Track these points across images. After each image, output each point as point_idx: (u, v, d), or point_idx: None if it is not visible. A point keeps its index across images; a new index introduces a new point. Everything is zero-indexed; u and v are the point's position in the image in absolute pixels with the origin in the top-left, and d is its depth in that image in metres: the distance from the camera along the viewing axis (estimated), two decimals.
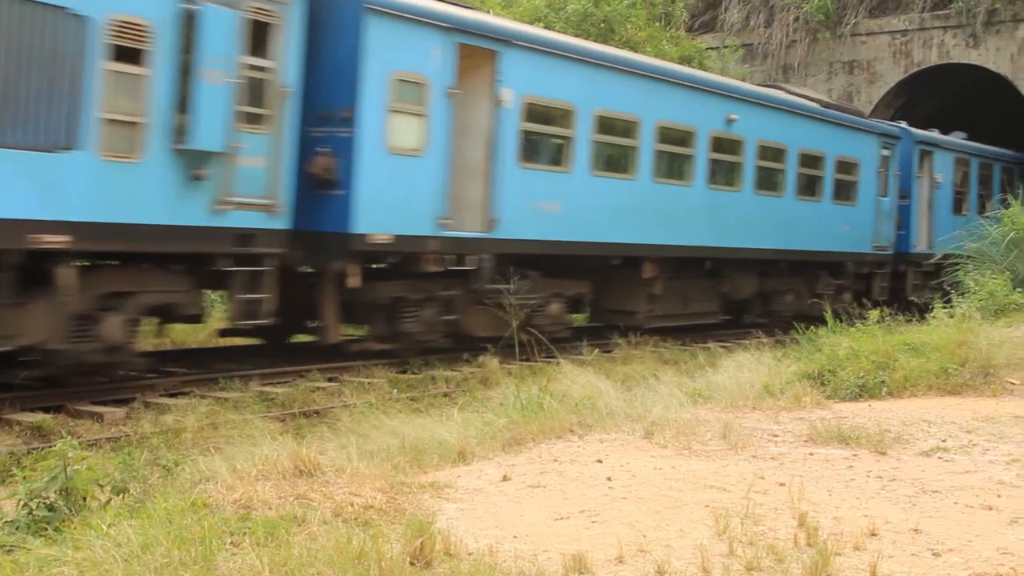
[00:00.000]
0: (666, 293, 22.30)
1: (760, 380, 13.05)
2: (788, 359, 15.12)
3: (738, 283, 25.14)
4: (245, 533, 6.28)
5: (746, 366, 14.58)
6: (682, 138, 22.38)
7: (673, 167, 22.40)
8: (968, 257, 23.88)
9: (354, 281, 15.96)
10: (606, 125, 20.34)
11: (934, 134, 31.88)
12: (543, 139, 19.49)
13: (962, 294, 19.16)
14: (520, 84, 18.30)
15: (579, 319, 23.44)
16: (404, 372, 16.70)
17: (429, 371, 16.96)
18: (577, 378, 13.26)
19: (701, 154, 22.72)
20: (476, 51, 17.60)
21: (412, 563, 5.86)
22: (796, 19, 35.43)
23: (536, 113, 18.82)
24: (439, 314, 17.65)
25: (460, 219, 17.52)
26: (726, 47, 35.00)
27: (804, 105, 26.67)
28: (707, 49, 34.47)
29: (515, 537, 6.62)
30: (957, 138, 32.95)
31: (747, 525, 6.81)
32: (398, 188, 16.32)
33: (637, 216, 21.06)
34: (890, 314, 16.55)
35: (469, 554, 6.11)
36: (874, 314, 14.98)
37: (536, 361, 16.81)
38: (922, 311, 25.66)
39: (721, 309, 25.14)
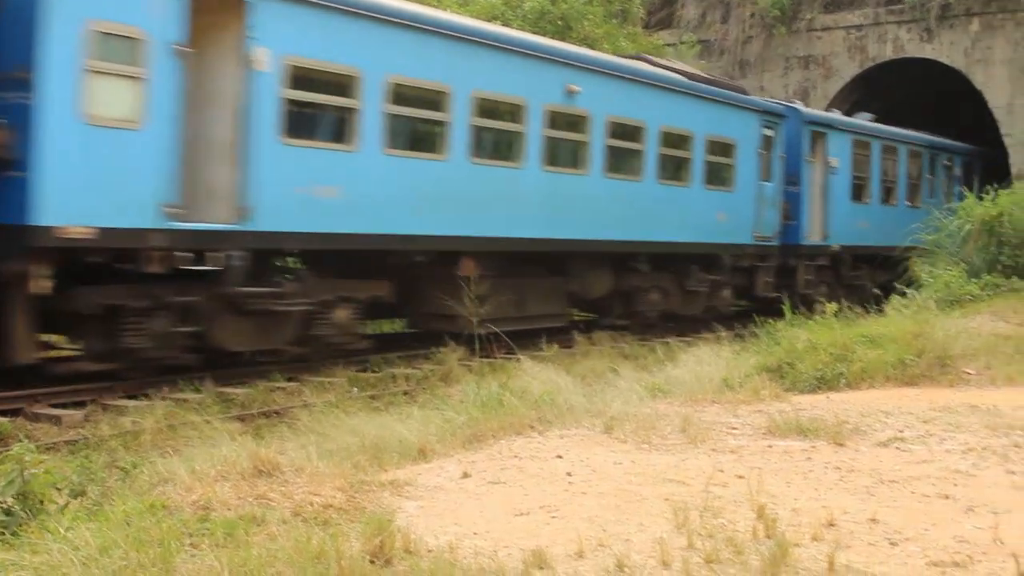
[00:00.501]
0: (495, 294, 17.87)
1: (719, 374, 13.10)
2: (747, 352, 15.19)
3: (589, 280, 22.28)
4: (204, 534, 6.25)
5: (705, 360, 14.66)
6: (509, 112, 19.36)
7: (497, 146, 19.56)
8: (908, 249, 24.16)
9: (40, 286, 12.90)
10: (404, 95, 17.18)
11: (828, 113, 30.40)
12: (316, 111, 16.38)
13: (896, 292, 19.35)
14: (281, 43, 15.14)
15: (397, 326, 21.92)
16: (364, 370, 16.66)
17: (389, 369, 16.93)
18: (537, 374, 13.28)
19: (534, 131, 19.61)
20: (218, 1, 14.52)
21: (372, 561, 5.85)
22: (752, 15, 35.58)
23: (305, 79, 15.69)
24: (174, 325, 14.51)
25: (198, 208, 14.39)
26: (683, 43, 35.11)
27: (666, 77, 23.71)
28: (664, 46, 34.55)
29: (475, 533, 6.62)
30: (862, 119, 31.53)
31: (706, 518, 6.84)
32: (102, 169, 13.23)
33: (449, 204, 18.04)
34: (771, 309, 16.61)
35: (429, 551, 6.11)
36: (832, 307, 15.05)
37: (496, 357, 16.82)
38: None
39: (568, 310, 22.53)
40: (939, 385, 13.02)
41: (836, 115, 30.46)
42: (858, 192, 30.32)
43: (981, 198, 26.19)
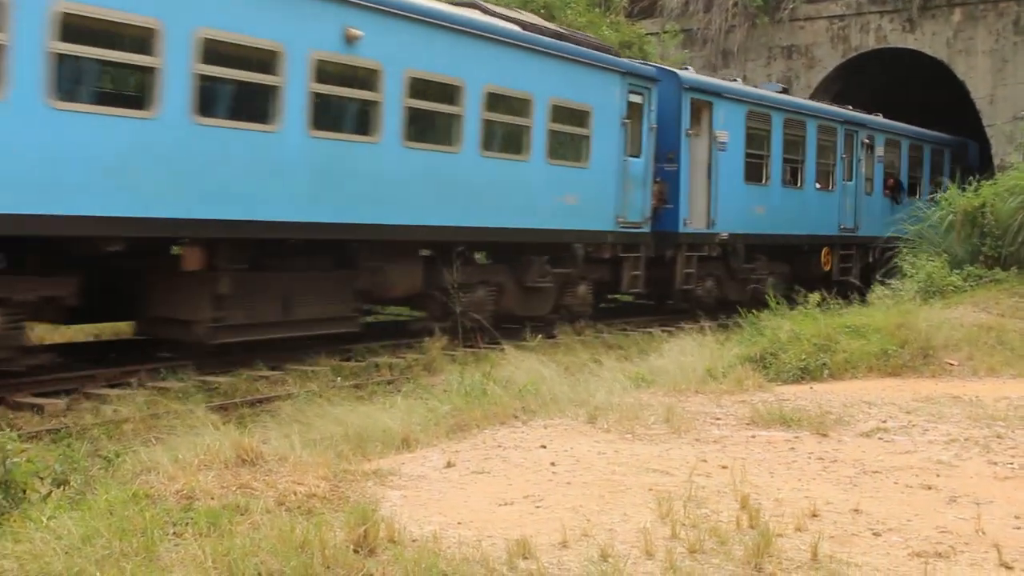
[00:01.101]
0: (244, 293, 15.32)
1: (703, 364, 13.12)
2: (731, 343, 15.22)
3: (387, 275, 17.87)
4: (187, 523, 6.24)
5: (689, 350, 14.67)
6: (257, 60, 15.09)
7: (238, 103, 15.39)
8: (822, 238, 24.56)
9: None
10: (79, 30, 12.87)
11: (715, 79, 26.94)
12: None
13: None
14: None
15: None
16: (348, 360, 16.64)
17: (373, 358, 16.91)
18: (520, 364, 13.29)
19: (295, 85, 15.33)
20: None
21: (356, 551, 5.84)
22: (735, 4, 35.59)
23: None
24: None
25: None
26: (666, 32, 35.10)
27: (493, 27, 19.30)
28: (647, 35, 34.54)
29: (459, 523, 6.62)
30: (769, 90, 28.91)
31: (690, 508, 6.85)
32: None
33: (162, 176, 13.77)
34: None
35: (413, 541, 6.11)
36: (815, 297, 15.07)
37: (480, 347, 16.81)
38: (706, 305, 23.88)
39: (359, 312, 17.86)
40: (922, 376, 13.08)
41: (726, 82, 27.18)
42: (754, 172, 26.44)
43: (936, 189, 26.91)
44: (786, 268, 27.92)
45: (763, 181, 26.75)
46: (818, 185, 28.95)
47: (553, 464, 8.18)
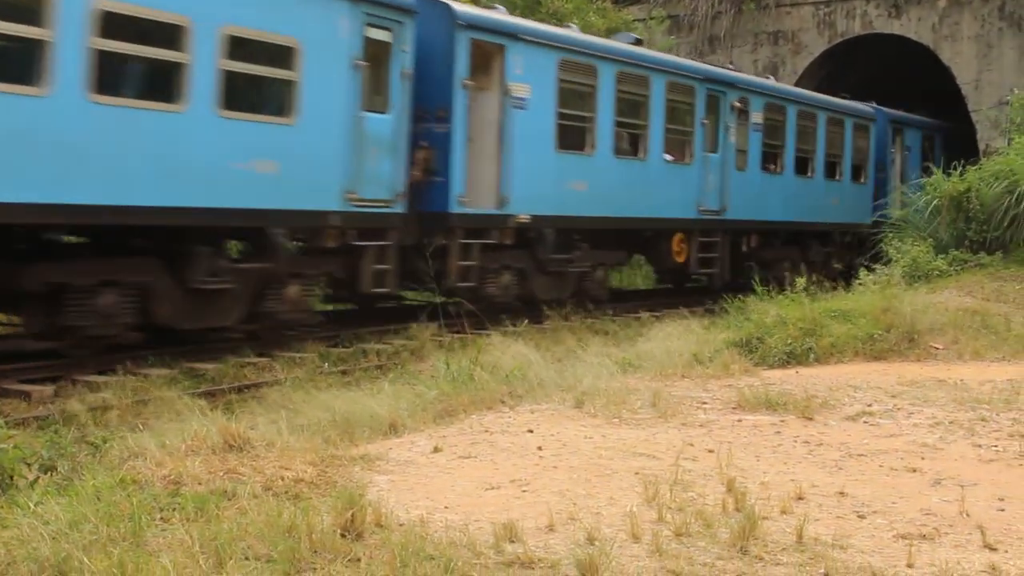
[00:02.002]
0: None
1: (689, 349, 13.18)
2: (717, 328, 15.26)
3: None
4: (175, 508, 6.25)
5: (675, 335, 14.71)
6: None
7: None
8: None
9: None
10: None
11: (508, 18, 20.56)
12: None
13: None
14: None
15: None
16: (335, 346, 16.63)
17: (360, 344, 16.90)
18: (507, 349, 13.32)
19: None
20: None
21: (343, 535, 5.86)
22: None
23: None
24: None
25: None
26: (652, 18, 35.04)
27: None
28: (634, 21, 34.50)
29: (446, 507, 6.64)
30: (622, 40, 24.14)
31: (676, 492, 6.89)
32: None
33: None
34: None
35: (400, 525, 6.13)
36: (801, 281, 15.11)
37: (467, 333, 16.82)
38: (502, 306, 19.06)
39: None
40: (907, 359, 13.13)
41: (526, 22, 21.69)
42: (572, 138, 20.96)
43: (881, 166, 27.55)
44: (622, 257, 23.66)
45: (585, 149, 21.07)
46: (668, 157, 23.36)
47: (540, 448, 8.21)
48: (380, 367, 15.43)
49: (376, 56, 16.87)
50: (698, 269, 24.68)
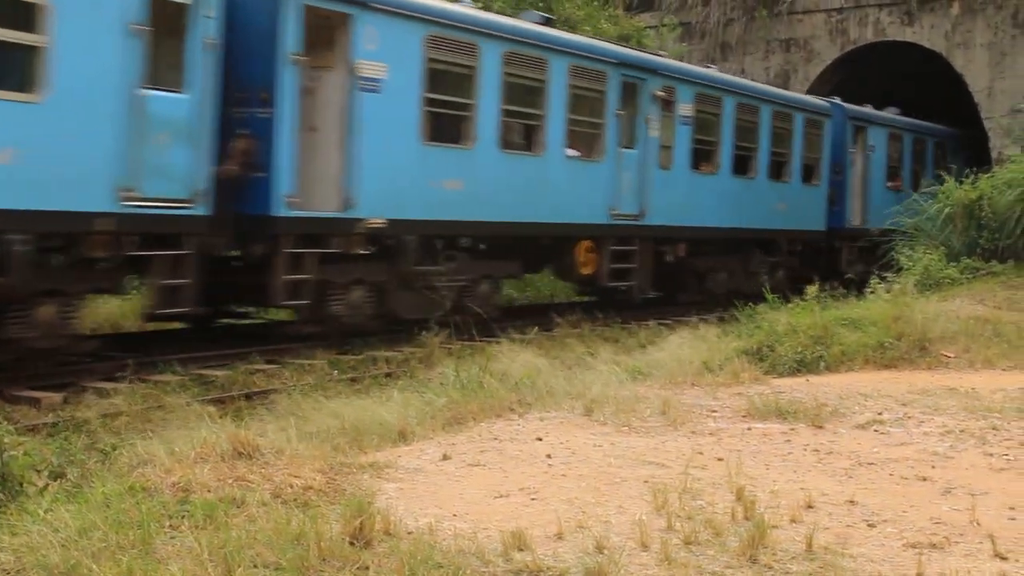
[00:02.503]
0: None
1: (699, 357, 13.16)
2: (728, 336, 15.23)
3: None
4: (183, 516, 6.26)
5: (686, 343, 14.69)
6: None
7: None
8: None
9: None
10: None
11: None
12: None
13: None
14: None
15: None
16: (344, 353, 16.64)
17: (370, 351, 16.91)
18: (516, 357, 13.33)
19: None
20: None
21: (351, 543, 5.86)
22: None
23: None
24: None
25: None
26: (664, 26, 35.08)
27: None
28: (645, 28, 34.53)
29: (455, 515, 6.64)
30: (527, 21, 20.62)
31: (685, 500, 6.87)
32: None
33: None
34: None
35: (409, 533, 6.12)
36: (812, 290, 15.08)
37: (476, 340, 16.82)
38: (352, 327, 16.67)
39: None
40: (918, 368, 13.09)
41: None
42: (443, 129, 18.00)
43: (837, 167, 26.55)
44: (515, 268, 20.41)
45: (462, 142, 18.16)
46: (573, 153, 20.45)
47: (549, 456, 8.20)
48: (389, 374, 15.44)
49: (168, 21, 13.70)
50: (610, 282, 21.44)
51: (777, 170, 26.84)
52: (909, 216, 26.50)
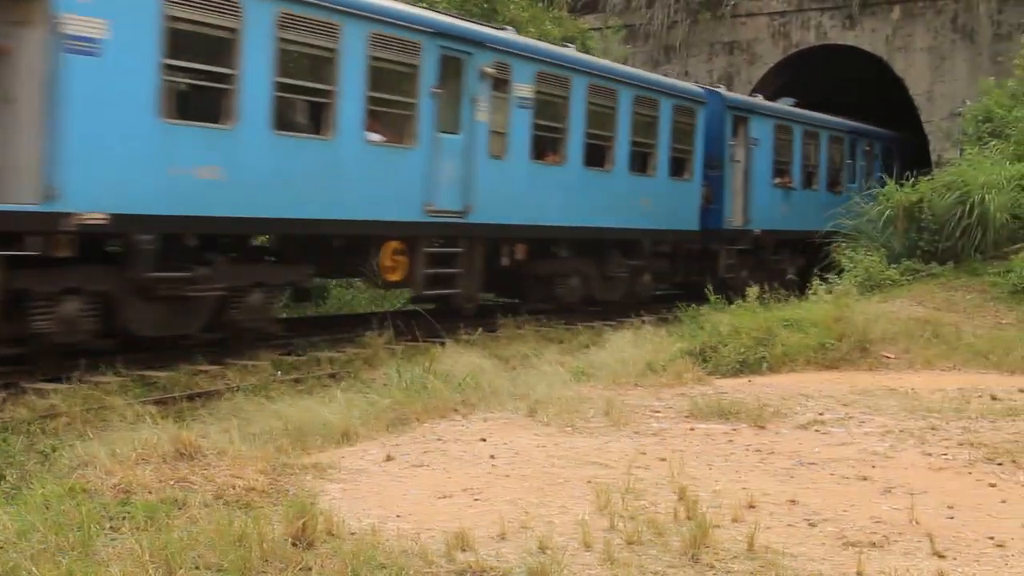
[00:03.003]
0: None
1: (643, 358, 13.21)
2: (671, 336, 15.29)
3: None
4: (124, 517, 6.22)
5: (630, 344, 14.73)
6: None
7: None
8: None
9: None
10: None
11: None
12: None
13: None
14: None
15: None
16: (288, 354, 16.56)
17: (313, 352, 16.83)
18: (460, 358, 13.32)
19: None
20: None
21: (294, 544, 5.84)
22: (677, 0, 35.72)
23: None
24: None
25: None
26: (608, 28, 35.16)
27: None
28: (590, 30, 34.61)
29: (398, 516, 6.63)
30: None
31: (628, 500, 6.90)
32: None
33: None
34: None
35: (352, 534, 6.11)
36: (753, 291, 15.17)
37: (421, 341, 16.79)
38: None
39: None
40: (859, 368, 13.21)
41: None
42: (193, 105, 15.44)
43: (714, 161, 24.86)
44: (301, 275, 16.95)
45: (221, 121, 14.81)
46: (375, 137, 17.13)
47: (493, 457, 8.21)
48: (333, 375, 15.38)
49: None
50: (427, 289, 18.42)
51: (640, 162, 23.78)
52: (798, 216, 26.79)
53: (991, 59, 31.03)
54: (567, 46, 23.33)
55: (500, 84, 19.33)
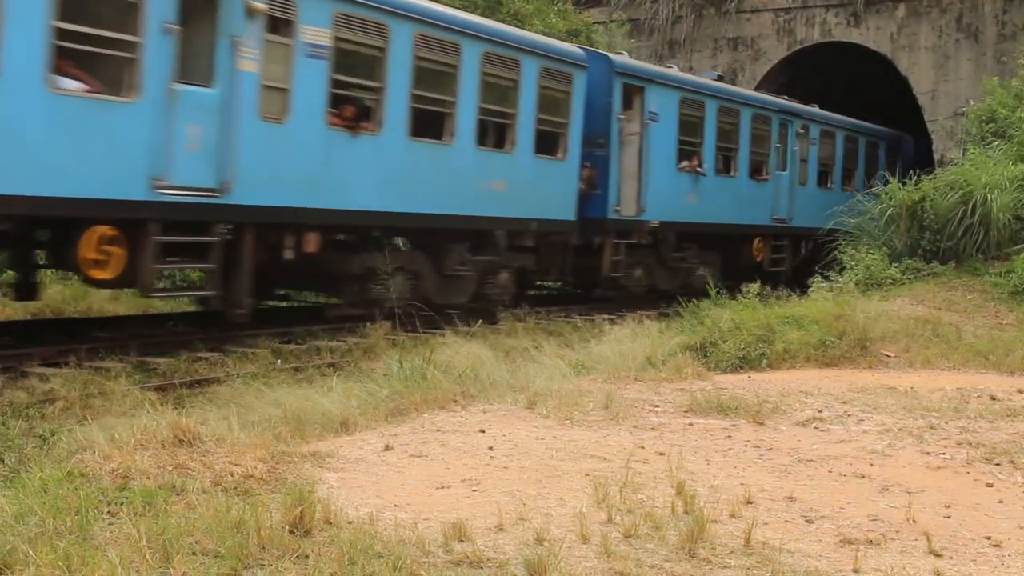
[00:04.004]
0: None
1: (643, 352, 13.19)
2: (672, 331, 15.29)
3: None
4: (122, 502, 6.22)
5: (629, 338, 14.73)
6: None
7: None
8: None
9: None
10: None
11: None
12: None
13: None
14: None
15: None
16: (288, 342, 16.56)
17: (313, 342, 16.83)
18: (460, 349, 13.31)
19: None
20: None
21: (292, 532, 5.84)
22: None
23: None
24: None
25: None
26: (613, 22, 35.13)
27: None
28: (594, 23, 34.58)
29: (396, 506, 6.63)
30: None
31: (626, 494, 6.90)
32: None
33: None
34: None
35: (349, 523, 6.11)
36: (754, 287, 15.17)
37: (421, 332, 16.79)
38: None
39: None
40: (858, 367, 13.22)
41: None
42: None
43: (595, 138, 20.91)
44: None
45: None
46: (73, 85, 12.69)
47: (491, 449, 8.21)
48: (333, 365, 15.37)
49: None
50: (156, 291, 15.46)
51: (494, 135, 19.61)
52: (711, 207, 24.36)
53: (995, 59, 31.03)
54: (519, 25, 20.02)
55: (279, 25, 14.94)
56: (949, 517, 6.90)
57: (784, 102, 28.80)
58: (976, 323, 15.67)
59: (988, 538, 6.49)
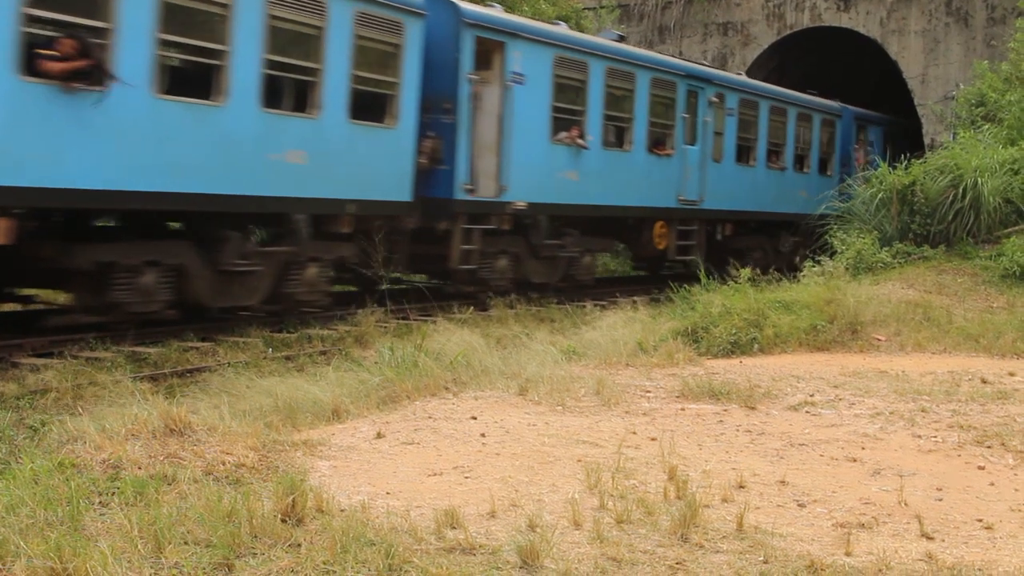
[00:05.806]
0: None
1: (634, 337, 13.20)
2: (663, 317, 15.30)
3: None
4: (114, 493, 6.21)
5: (621, 324, 14.74)
6: None
7: None
8: None
9: None
10: None
11: None
12: None
13: None
14: None
15: None
16: (279, 331, 16.54)
17: (305, 330, 16.82)
18: (452, 336, 13.30)
19: None
20: None
21: (283, 520, 5.84)
22: None
23: None
24: None
25: None
26: (603, 7, 35.08)
27: None
28: (584, 9, 34.53)
29: (388, 493, 6.63)
30: None
31: (618, 479, 6.90)
32: None
33: None
34: None
35: (341, 511, 6.11)
36: (745, 272, 15.18)
37: (412, 319, 16.77)
38: None
39: None
40: (850, 351, 13.24)
41: None
42: None
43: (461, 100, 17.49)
44: None
45: None
46: None
47: (483, 435, 8.21)
48: (324, 353, 15.36)
49: None
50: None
51: (290, 96, 16.35)
52: (597, 187, 21.43)
53: (985, 43, 31.01)
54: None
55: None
56: (941, 500, 6.91)
57: (693, 65, 25.44)
58: (967, 306, 15.69)
59: (980, 520, 6.50)
